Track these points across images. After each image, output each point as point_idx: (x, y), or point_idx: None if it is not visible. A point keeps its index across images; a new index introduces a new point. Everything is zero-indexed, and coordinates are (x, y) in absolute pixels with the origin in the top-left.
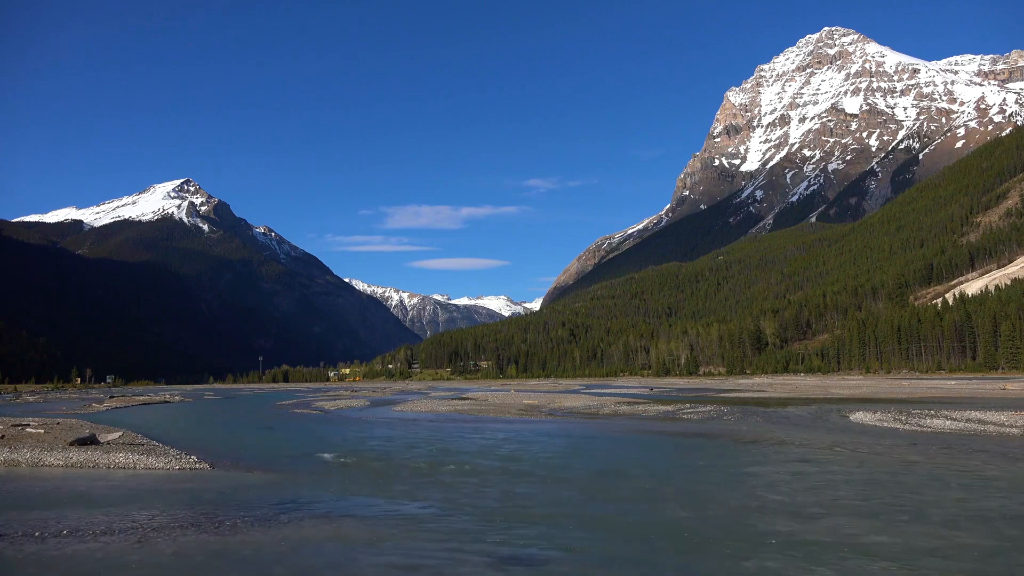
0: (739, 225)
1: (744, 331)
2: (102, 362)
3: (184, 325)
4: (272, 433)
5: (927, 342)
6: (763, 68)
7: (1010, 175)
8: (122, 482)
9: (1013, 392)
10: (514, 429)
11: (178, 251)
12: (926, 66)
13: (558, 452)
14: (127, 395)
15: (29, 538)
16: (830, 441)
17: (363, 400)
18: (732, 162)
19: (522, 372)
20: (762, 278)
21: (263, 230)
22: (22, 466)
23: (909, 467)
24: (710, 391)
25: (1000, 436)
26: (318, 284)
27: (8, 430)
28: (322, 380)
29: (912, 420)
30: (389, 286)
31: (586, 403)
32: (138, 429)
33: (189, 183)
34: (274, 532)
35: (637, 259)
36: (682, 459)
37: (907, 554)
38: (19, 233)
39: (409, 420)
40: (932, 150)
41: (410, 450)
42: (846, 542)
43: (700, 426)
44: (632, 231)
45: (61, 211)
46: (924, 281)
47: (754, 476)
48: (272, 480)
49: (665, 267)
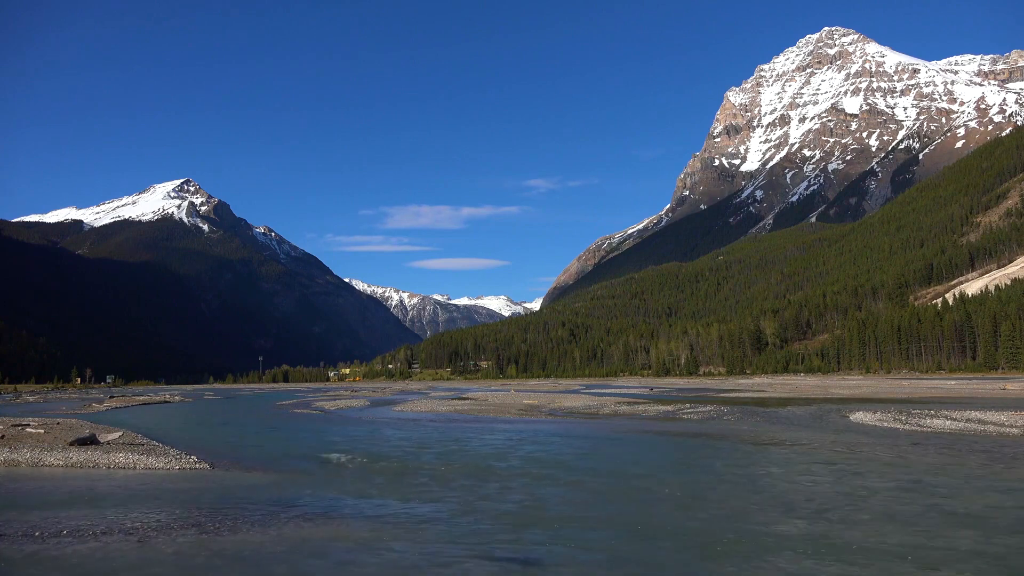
0: (739, 225)
1: (744, 331)
2: (102, 362)
3: (184, 325)
4: (272, 433)
5: (927, 342)
6: (763, 68)
7: (1010, 175)
8: (122, 482)
9: (1013, 392)
10: (514, 429)
11: (178, 251)
12: (926, 66)
13: (558, 452)
14: (127, 395)
15: (29, 538)
16: (830, 441)
17: (363, 400)
18: (732, 162)
19: (522, 372)
20: (762, 278)
21: (263, 230)
22: (22, 466)
23: (909, 467)
24: (710, 391)
25: (1000, 436)
26: (318, 284)
27: (8, 430)
28: (322, 380)
29: (912, 420)
30: (389, 286)
31: (586, 403)
32: (138, 429)
33: (189, 183)
34: (274, 532)
35: (637, 259)
36: (682, 459)
37: (908, 554)
38: (19, 233)
39: (409, 420)
40: (932, 150)
41: (410, 450)
42: (847, 542)
43: (700, 426)
44: (632, 231)
45: (61, 211)
46: (924, 281)
47: (754, 476)
48: (272, 480)
49: (665, 267)
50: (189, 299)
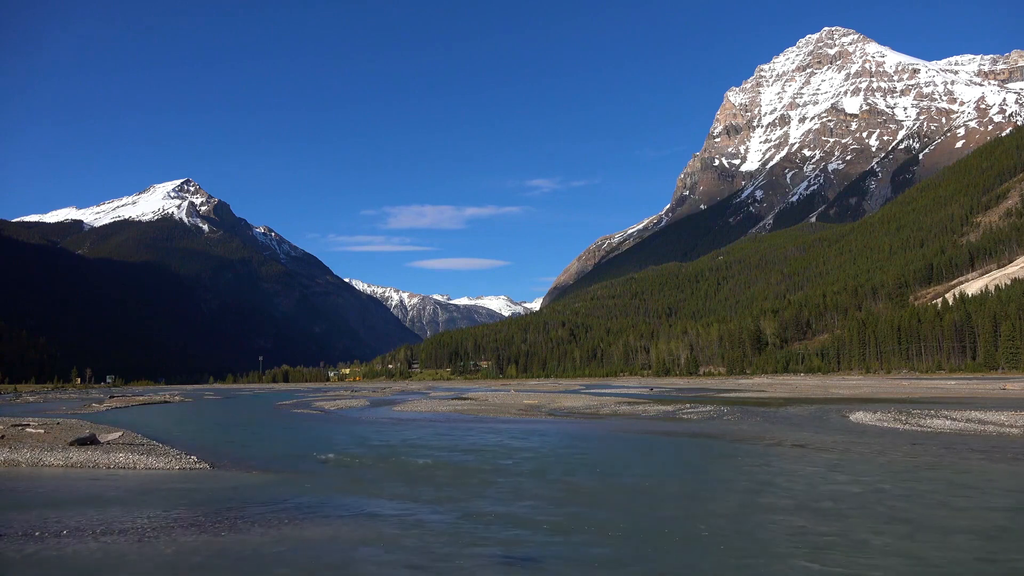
0: (739, 225)
1: (744, 331)
2: (102, 362)
3: (184, 325)
4: (272, 433)
5: (927, 342)
6: (763, 68)
7: (1010, 175)
8: (122, 482)
9: (1013, 392)
10: (514, 429)
11: (178, 251)
12: (926, 66)
13: (558, 452)
14: (127, 395)
15: (29, 538)
16: (830, 441)
17: (363, 400)
18: (732, 162)
19: (522, 372)
20: (762, 278)
21: (263, 230)
22: (22, 466)
23: (909, 467)
24: (710, 391)
25: (1000, 436)
26: (318, 284)
27: (8, 430)
28: (322, 380)
29: (912, 420)
30: (389, 286)
31: (586, 403)
32: (138, 429)
33: (189, 183)
34: (274, 532)
35: (637, 259)
36: (682, 459)
37: (908, 554)
38: (19, 233)
39: (409, 420)
40: (932, 150)
41: (410, 450)
42: (848, 542)
43: (700, 426)
44: (632, 231)
45: (61, 211)
46: (924, 281)
47: (755, 476)
48: (272, 480)
49: (665, 267)
50: (189, 299)
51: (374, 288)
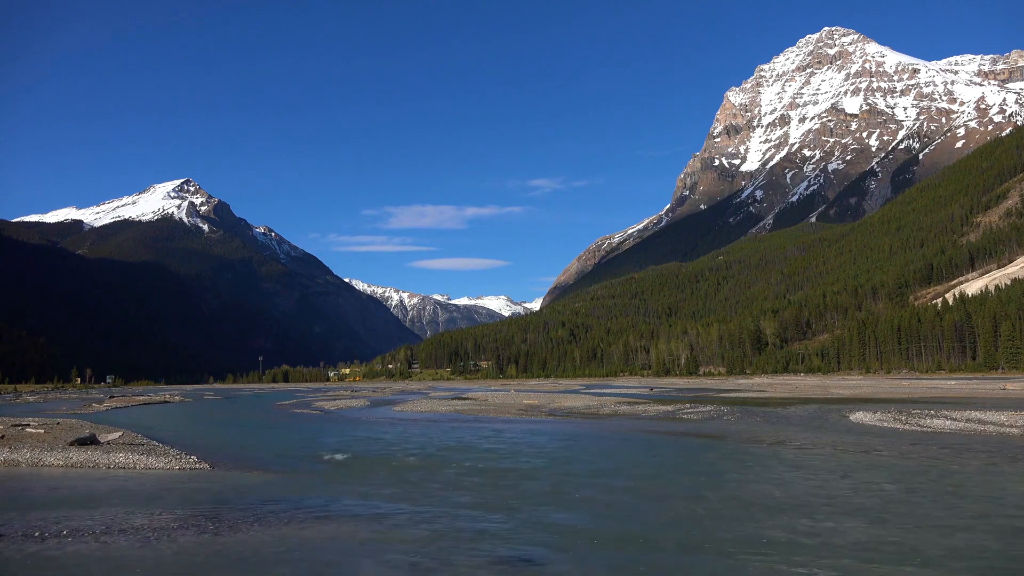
0: (739, 225)
1: (744, 331)
2: (102, 362)
3: (184, 325)
4: (272, 433)
5: (927, 342)
6: (763, 68)
7: (1010, 175)
8: (122, 482)
9: (1013, 392)
10: (514, 429)
11: (178, 251)
12: (926, 66)
13: (558, 452)
14: (127, 395)
15: (29, 538)
16: (830, 441)
17: (363, 400)
18: (732, 162)
19: (522, 372)
20: (762, 278)
21: (263, 230)
22: (22, 466)
23: (909, 467)
24: (710, 391)
25: (1000, 436)
26: (318, 284)
27: (8, 430)
28: (322, 380)
29: (912, 420)
30: (389, 286)
31: (586, 403)
32: (138, 429)
33: (189, 183)
34: (274, 532)
35: (637, 259)
36: (682, 459)
37: (908, 554)
38: (19, 233)
39: (409, 420)
40: (932, 150)
41: (410, 450)
42: (848, 542)
43: (700, 426)
44: (632, 231)
45: (61, 211)
46: (924, 281)
47: (755, 476)
48: (272, 480)
49: (665, 267)
50: (189, 299)
51: (374, 288)
